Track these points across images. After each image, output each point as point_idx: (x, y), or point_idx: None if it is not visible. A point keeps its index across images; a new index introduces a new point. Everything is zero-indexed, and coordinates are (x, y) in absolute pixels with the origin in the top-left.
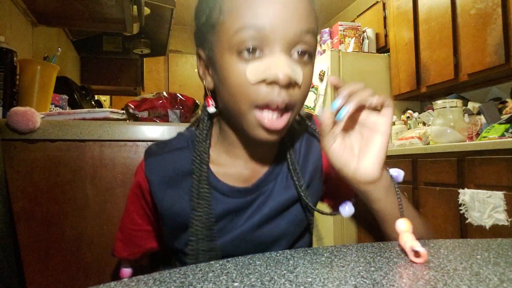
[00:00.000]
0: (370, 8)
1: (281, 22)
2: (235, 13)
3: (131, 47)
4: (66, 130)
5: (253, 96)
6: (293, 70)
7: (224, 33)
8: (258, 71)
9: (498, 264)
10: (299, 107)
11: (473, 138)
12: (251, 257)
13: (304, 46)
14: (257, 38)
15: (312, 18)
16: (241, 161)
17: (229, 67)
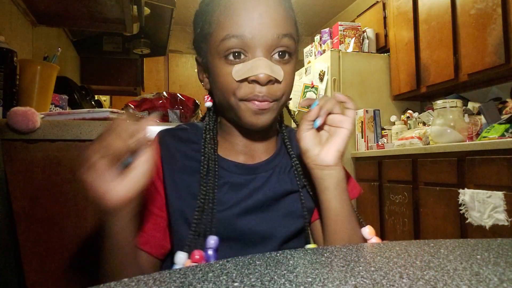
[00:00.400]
0: (370, 8)
1: (258, 30)
2: (220, 25)
3: (131, 47)
4: (66, 130)
5: (238, 91)
6: (273, 70)
7: (213, 42)
8: (241, 71)
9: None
10: (285, 99)
11: (473, 138)
12: (251, 257)
13: (282, 48)
14: (239, 45)
15: (288, 23)
16: (240, 149)
17: (218, 69)
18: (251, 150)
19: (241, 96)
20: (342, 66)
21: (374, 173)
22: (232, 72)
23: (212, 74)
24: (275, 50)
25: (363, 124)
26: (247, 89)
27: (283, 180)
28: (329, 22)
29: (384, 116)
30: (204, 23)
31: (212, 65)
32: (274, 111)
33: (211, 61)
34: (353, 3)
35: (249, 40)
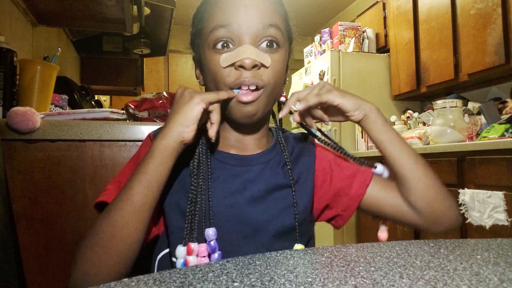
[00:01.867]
0: (370, 8)
1: (244, 20)
2: (210, 18)
3: (131, 47)
4: (66, 130)
5: (226, 78)
6: (258, 55)
7: (204, 35)
8: (228, 57)
9: (498, 264)
10: (272, 86)
11: (473, 138)
12: (251, 257)
13: (269, 37)
14: (227, 34)
15: (274, 14)
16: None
17: (208, 60)
18: (243, 144)
19: (230, 83)
20: (342, 66)
21: None
22: (220, 60)
23: (204, 66)
24: (261, 40)
25: None
26: (234, 75)
27: (277, 173)
28: (329, 22)
29: (384, 116)
30: (198, 21)
31: (204, 57)
32: (260, 102)
33: (203, 54)
34: (353, 3)
35: (235, 29)
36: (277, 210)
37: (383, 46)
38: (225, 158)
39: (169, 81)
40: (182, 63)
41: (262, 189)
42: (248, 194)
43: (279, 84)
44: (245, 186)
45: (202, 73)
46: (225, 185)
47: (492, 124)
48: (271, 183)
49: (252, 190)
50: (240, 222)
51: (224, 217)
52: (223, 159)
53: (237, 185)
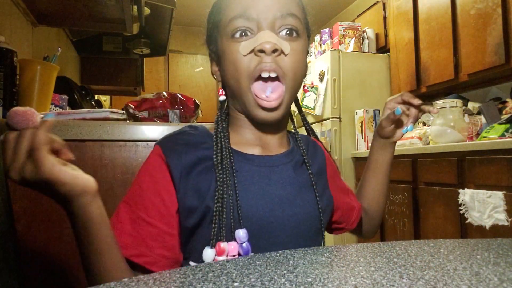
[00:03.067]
0: (370, 8)
1: (263, 9)
2: (228, 9)
3: (131, 47)
4: (66, 130)
5: (246, 67)
6: (278, 41)
7: (222, 26)
8: (248, 45)
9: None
10: (292, 78)
11: (473, 138)
12: (251, 257)
13: (288, 25)
14: (246, 24)
15: (293, 5)
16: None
17: (227, 50)
18: (266, 143)
19: (251, 71)
20: (342, 66)
21: None
22: (239, 49)
23: (223, 57)
24: (281, 28)
25: (363, 124)
26: (254, 62)
27: (301, 173)
28: (329, 22)
29: None
30: (216, 14)
31: (222, 48)
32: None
33: (221, 45)
34: (353, 3)
35: (254, 18)
36: (305, 212)
37: (383, 46)
38: (249, 158)
39: (169, 81)
40: (182, 63)
41: (289, 190)
42: (276, 195)
43: (299, 75)
44: (272, 187)
45: (219, 67)
46: (255, 187)
47: (492, 124)
48: (296, 184)
49: (280, 191)
50: (271, 225)
51: (255, 218)
52: (247, 160)
53: (264, 186)
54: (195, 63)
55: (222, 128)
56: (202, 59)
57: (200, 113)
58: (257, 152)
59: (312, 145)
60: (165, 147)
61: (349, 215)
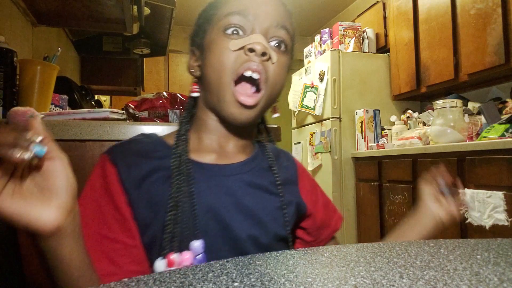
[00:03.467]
0: (370, 8)
1: (261, 13)
2: (226, 4)
3: (131, 47)
4: (66, 130)
5: (232, 62)
6: (269, 47)
7: (216, 19)
8: (239, 42)
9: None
10: (271, 88)
11: (473, 138)
12: (251, 257)
13: (278, 37)
14: (241, 22)
15: (287, 19)
16: (213, 148)
17: (215, 43)
18: (224, 150)
19: (237, 67)
20: (342, 66)
21: (374, 173)
22: (228, 45)
23: (208, 50)
24: (272, 38)
25: (363, 124)
26: (242, 58)
27: (263, 180)
28: (329, 22)
29: (384, 116)
30: (209, 10)
31: (210, 41)
32: (258, 109)
33: (209, 38)
34: (353, 3)
35: (251, 19)
36: (266, 220)
37: (383, 46)
38: (206, 167)
39: (169, 81)
40: (182, 63)
41: (248, 199)
42: (234, 206)
43: (278, 87)
44: (230, 198)
45: (200, 62)
46: (209, 196)
47: (492, 124)
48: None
49: (238, 202)
50: (229, 236)
51: (211, 230)
52: (203, 169)
53: (222, 196)
54: None
55: (184, 132)
56: None
57: None
58: (213, 159)
59: (284, 157)
60: (114, 157)
61: (321, 232)
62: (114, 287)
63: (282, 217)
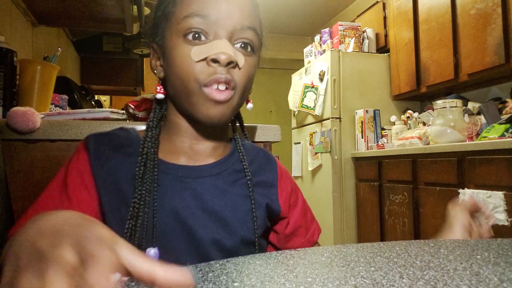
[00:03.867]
0: (370, 8)
1: (224, 14)
2: (185, 3)
3: (131, 47)
4: (66, 130)
5: (197, 74)
6: (234, 53)
7: (174, 20)
8: (201, 51)
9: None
10: (242, 89)
11: (473, 138)
12: (251, 257)
13: (245, 39)
14: (202, 25)
15: (254, 18)
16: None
17: (175, 49)
18: (196, 151)
19: (200, 79)
20: (342, 66)
21: (374, 173)
22: (190, 53)
23: (168, 55)
24: (238, 40)
25: (363, 124)
26: (207, 71)
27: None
28: (329, 22)
29: (384, 116)
30: (168, 4)
31: (170, 46)
32: (232, 104)
33: (169, 41)
34: (353, 3)
35: (213, 22)
36: (234, 224)
37: (383, 46)
38: (172, 169)
39: None
40: None
41: (216, 202)
42: (200, 208)
43: (248, 90)
44: (196, 200)
45: (163, 64)
46: (174, 199)
47: (492, 124)
48: (225, 195)
49: (204, 204)
50: (191, 240)
51: (172, 234)
52: (170, 170)
53: (187, 199)
54: None
55: (151, 136)
56: None
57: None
58: (183, 161)
59: (263, 157)
60: (88, 145)
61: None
62: None
63: (252, 220)
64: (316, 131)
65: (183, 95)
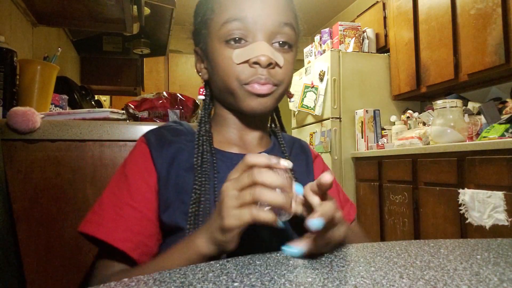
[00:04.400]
0: (370, 8)
1: (261, 15)
2: (223, 9)
3: (131, 47)
4: (66, 130)
5: (239, 74)
6: (273, 54)
7: (214, 26)
8: (242, 54)
9: (498, 264)
10: (284, 86)
11: (473, 138)
12: (251, 257)
13: (283, 36)
14: (241, 28)
15: (289, 13)
16: (234, 141)
17: (218, 53)
18: (246, 142)
19: (244, 79)
20: (342, 66)
21: (374, 173)
22: (232, 56)
23: (212, 60)
24: (276, 38)
25: (363, 124)
26: (248, 72)
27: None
28: (329, 22)
29: (384, 116)
30: (206, 10)
31: (212, 51)
32: (274, 96)
33: (211, 47)
34: (353, 3)
35: (251, 24)
36: None
37: (383, 46)
38: (228, 157)
39: (169, 81)
40: (182, 63)
41: None
42: None
43: (287, 84)
44: None
45: (207, 67)
46: None
47: (492, 124)
48: None
49: None
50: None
51: None
52: (226, 159)
53: None
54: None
55: (205, 130)
56: None
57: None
58: (237, 150)
59: (299, 146)
60: (149, 139)
61: None
62: (114, 287)
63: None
64: (316, 131)
65: (227, 93)
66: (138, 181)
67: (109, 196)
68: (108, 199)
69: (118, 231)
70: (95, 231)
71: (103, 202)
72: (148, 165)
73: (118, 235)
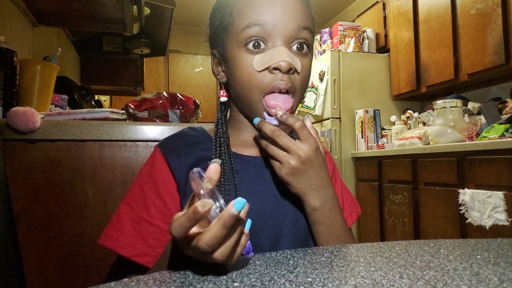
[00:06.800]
0: (370, 8)
1: (280, 20)
2: (242, 14)
3: (131, 47)
4: (66, 130)
5: (260, 82)
6: (292, 59)
7: (234, 31)
8: (262, 60)
9: (498, 264)
10: (300, 94)
11: (473, 138)
12: (251, 257)
13: (301, 40)
14: (261, 33)
15: (307, 16)
16: (250, 143)
17: (238, 59)
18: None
19: (263, 87)
20: (342, 66)
21: (374, 173)
22: (252, 63)
23: (231, 65)
24: (294, 42)
25: (363, 124)
26: (269, 78)
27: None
28: (329, 22)
29: (384, 116)
30: (224, 15)
31: (232, 56)
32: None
33: (230, 51)
34: (353, 3)
35: (270, 29)
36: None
37: (383, 46)
38: (245, 159)
39: (169, 81)
40: (182, 63)
41: (281, 190)
42: (271, 195)
43: (305, 88)
44: (271, 188)
45: (225, 71)
46: (252, 187)
47: (492, 124)
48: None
49: (274, 191)
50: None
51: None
52: (243, 161)
53: (263, 186)
54: (195, 63)
55: (222, 132)
56: (202, 59)
57: (200, 113)
58: (253, 153)
59: None
60: (165, 148)
61: None
62: (114, 287)
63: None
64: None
65: (245, 103)
66: (153, 197)
67: (126, 209)
68: (125, 213)
69: (136, 246)
70: (114, 246)
71: (121, 216)
72: (165, 176)
73: (136, 251)
